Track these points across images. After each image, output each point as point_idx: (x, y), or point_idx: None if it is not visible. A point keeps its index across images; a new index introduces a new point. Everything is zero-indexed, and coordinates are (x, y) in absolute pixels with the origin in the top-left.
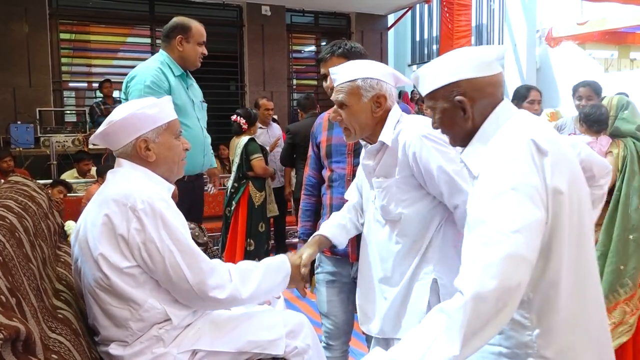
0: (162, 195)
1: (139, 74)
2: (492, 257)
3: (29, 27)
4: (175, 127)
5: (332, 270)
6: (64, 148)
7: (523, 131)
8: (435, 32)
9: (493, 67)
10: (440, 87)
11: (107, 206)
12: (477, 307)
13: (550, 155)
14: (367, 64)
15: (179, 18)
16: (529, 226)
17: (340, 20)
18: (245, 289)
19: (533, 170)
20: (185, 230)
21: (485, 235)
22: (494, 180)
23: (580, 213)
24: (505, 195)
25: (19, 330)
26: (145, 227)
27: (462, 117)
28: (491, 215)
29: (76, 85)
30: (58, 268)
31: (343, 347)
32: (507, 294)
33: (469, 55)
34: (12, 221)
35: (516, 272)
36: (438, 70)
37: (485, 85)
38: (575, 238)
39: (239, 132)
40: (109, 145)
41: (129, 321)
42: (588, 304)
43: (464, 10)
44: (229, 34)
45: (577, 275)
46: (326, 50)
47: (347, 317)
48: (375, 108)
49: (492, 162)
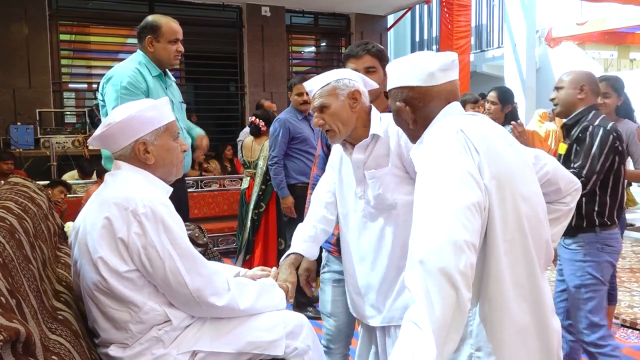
0: (162, 199)
1: (115, 74)
2: (432, 245)
3: (28, 29)
4: (174, 128)
5: (339, 270)
6: (63, 149)
7: (454, 123)
8: (435, 32)
9: (436, 78)
10: (392, 88)
11: (107, 209)
12: (434, 302)
13: (478, 145)
14: (336, 71)
15: (150, 17)
16: (465, 208)
17: (340, 21)
18: (242, 301)
19: (463, 154)
20: (185, 235)
21: (423, 223)
22: (426, 169)
23: (518, 214)
24: (437, 181)
25: (19, 332)
26: (146, 231)
27: (405, 118)
28: (427, 203)
29: (76, 86)
30: (58, 269)
31: (344, 351)
32: (455, 278)
33: (415, 63)
34: (12, 222)
35: (458, 255)
36: (391, 72)
37: (426, 94)
38: (511, 230)
39: (257, 134)
40: (107, 147)
41: (128, 323)
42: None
43: (463, 11)
44: (228, 35)
45: (512, 268)
46: (360, 47)
47: (349, 320)
48: (353, 103)
49: (425, 151)
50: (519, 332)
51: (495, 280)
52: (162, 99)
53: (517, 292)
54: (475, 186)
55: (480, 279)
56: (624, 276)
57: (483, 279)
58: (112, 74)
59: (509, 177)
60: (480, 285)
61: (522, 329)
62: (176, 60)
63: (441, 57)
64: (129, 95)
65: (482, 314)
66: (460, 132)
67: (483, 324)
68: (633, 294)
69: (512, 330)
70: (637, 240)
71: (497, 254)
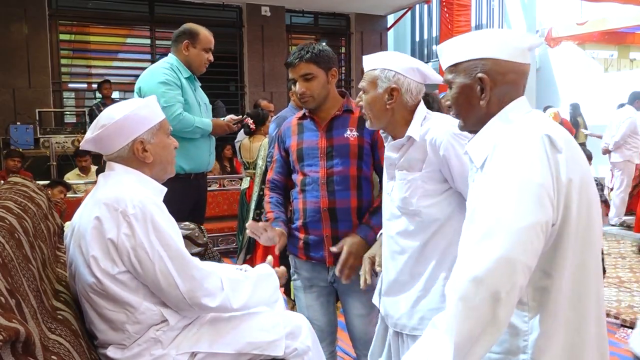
0: (154, 199)
1: (150, 74)
2: (484, 259)
3: (28, 28)
4: (166, 126)
5: (309, 276)
6: (63, 149)
7: (538, 127)
8: (435, 32)
9: (524, 56)
10: (464, 61)
11: (98, 209)
12: (468, 315)
13: (564, 153)
14: (393, 56)
15: (189, 24)
16: (530, 228)
17: (340, 21)
18: (236, 300)
19: (545, 167)
20: (177, 236)
21: (482, 231)
22: (502, 174)
23: (589, 217)
24: (512, 191)
25: (18, 332)
26: (135, 232)
27: (478, 97)
28: (493, 211)
29: (76, 86)
30: (58, 269)
31: (330, 348)
32: (498, 297)
33: (502, 36)
34: (11, 222)
35: (509, 275)
36: (466, 43)
37: (510, 71)
38: (580, 243)
39: (249, 133)
40: (101, 150)
41: (125, 324)
42: (587, 312)
43: (463, 11)
44: (228, 35)
45: (579, 281)
46: (294, 56)
47: (329, 319)
48: (388, 100)
49: (502, 154)
50: (585, 343)
51: (560, 293)
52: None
53: (583, 305)
54: (548, 204)
55: (544, 291)
56: (624, 276)
57: (549, 292)
58: (146, 75)
59: (588, 184)
60: (542, 298)
61: (588, 341)
62: (204, 68)
63: (532, 36)
64: (171, 90)
65: (544, 328)
66: (545, 139)
67: (542, 339)
68: (633, 294)
69: (577, 341)
70: (638, 240)
71: (563, 263)
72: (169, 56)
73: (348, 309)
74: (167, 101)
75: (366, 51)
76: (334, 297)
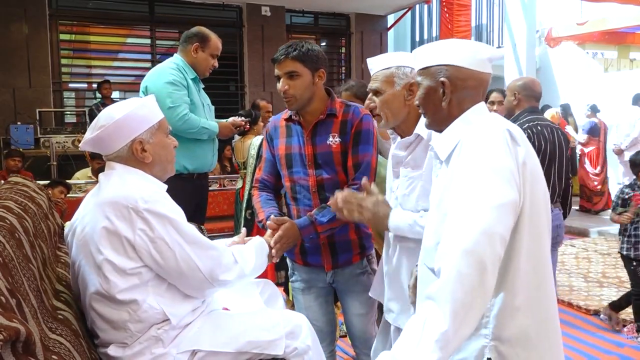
0: (161, 193)
1: (157, 74)
2: (470, 232)
3: (28, 28)
4: (165, 125)
5: (307, 278)
6: (63, 149)
7: (498, 124)
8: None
9: (483, 65)
10: (432, 65)
11: (105, 210)
12: (461, 282)
13: (522, 146)
14: (403, 55)
15: (201, 27)
16: (505, 205)
17: (340, 21)
18: (247, 267)
19: (508, 155)
20: (186, 222)
21: (463, 213)
22: (474, 161)
23: (538, 208)
24: (484, 176)
25: (19, 331)
26: (152, 226)
27: (440, 98)
28: (469, 194)
29: (76, 86)
30: (58, 269)
31: (329, 348)
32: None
33: (467, 46)
34: (12, 222)
35: (492, 246)
36: (436, 50)
37: (470, 78)
38: (534, 227)
39: (242, 133)
40: (101, 150)
41: (127, 323)
42: (544, 292)
43: (463, 11)
44: (228, 35)
45: (536, 261)
46: (281, 52)
47: (327, 319)
48: (408, 96)
49: (470, 146)
50: (543, 322)
51: (519, 271)
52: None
53: (537, 284)
54: (515, 187)
55: (504, 270)
56: (624, 276)
57: (508, 271)
58: (152, 75)
59: (539, 175)
60: (503, 276)
61: (545, 320)
62: (208, 73)
63: (493, 48)
64: (178, 91)
65: (504, 305)
66: (506, 132)
67: (503, 315)
68: None
69: (535, 319)
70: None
71: (521, 243)
72: (175, 56)
73: (347, 309)
74: (174, 101)
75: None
76: (332, 297)
